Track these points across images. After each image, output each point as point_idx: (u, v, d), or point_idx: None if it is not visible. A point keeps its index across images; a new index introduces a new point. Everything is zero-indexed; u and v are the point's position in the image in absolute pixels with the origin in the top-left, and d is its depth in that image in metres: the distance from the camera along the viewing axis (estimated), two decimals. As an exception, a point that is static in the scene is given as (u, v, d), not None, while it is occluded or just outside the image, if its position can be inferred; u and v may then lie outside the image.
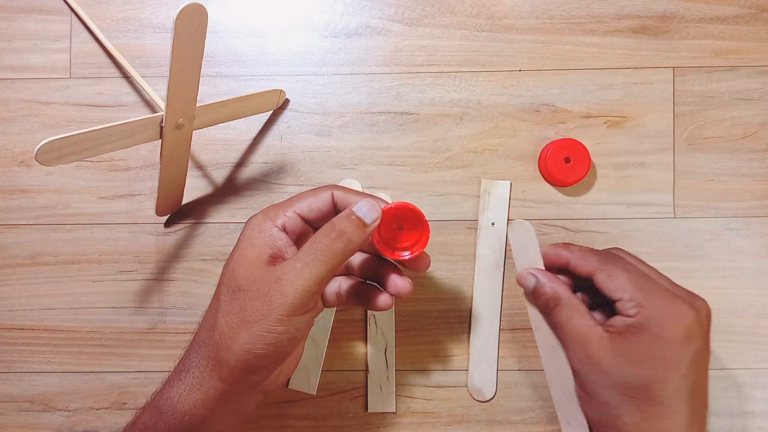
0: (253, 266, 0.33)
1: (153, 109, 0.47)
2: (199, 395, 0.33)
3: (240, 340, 0.32)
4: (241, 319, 0.32)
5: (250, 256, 0.34)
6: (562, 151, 0.45)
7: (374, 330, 0.46)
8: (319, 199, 0.35)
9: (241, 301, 0.33)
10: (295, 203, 0.35)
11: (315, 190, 0.36)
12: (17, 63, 0.48)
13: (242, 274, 0.33)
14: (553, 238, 0.47)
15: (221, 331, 0.33)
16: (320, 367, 0.46)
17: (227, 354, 0.33)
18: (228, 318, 0.33)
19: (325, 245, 0.32)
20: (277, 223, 0.34)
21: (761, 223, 0.46)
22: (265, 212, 0.35)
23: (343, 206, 0.35)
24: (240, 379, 0.33)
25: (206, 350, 0.34)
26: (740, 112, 0.47)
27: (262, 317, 0.32)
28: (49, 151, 0.34)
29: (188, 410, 0.33)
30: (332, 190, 0.35)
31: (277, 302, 0.32)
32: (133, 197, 0.47)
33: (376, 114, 0.47)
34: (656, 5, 0.47)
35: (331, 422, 0.46)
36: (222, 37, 0.48)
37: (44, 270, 0.47)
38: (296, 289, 0.32)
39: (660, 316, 0.35)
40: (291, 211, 0.35)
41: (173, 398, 0.34)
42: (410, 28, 0.47)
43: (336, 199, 0.35)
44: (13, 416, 0.47)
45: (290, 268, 0.32)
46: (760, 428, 0.46)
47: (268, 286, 0.32)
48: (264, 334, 0.32)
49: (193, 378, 0.34)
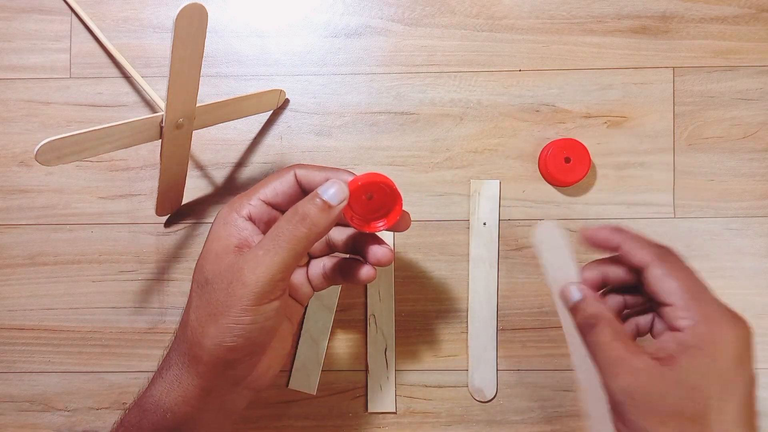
0: (219, 259, 0.32)
1: (153, 109, 0.47)
2: (179, 392, 0.33)
3: (209, 335, 0.31)
4: (208, 312, 0.32)
5: (216, 249, 0.33)
6: (562, 151, 0.45)
7: (374, 330, 0.46)
8: (282, 182, 0.34)
9: (207, 295, 0.32)
10: (259, 189, 0.34)
11: (278, 173, 0.35)
12: (17, 63, 0.48)
13: (209, 268, 0.33)
14: (553, 238, 0.47)
15: (192, 327, 0.32)
16: (320, 367, 0.46)
17: (199, 349, 0.32)
18: (197, 313, 0.32)
19: (287, 230, 0.31)
20: (242, 213, 0.34)
21: (761, 223, 0.46)
22: (231, 203, 0.34)
23: (308, 186, 0.34)
24: (217, 375, 0.33)
25: (181, 347, 0.33)
26: (740, 112, 0.47)
27: (226, 309, 0.31)
28: (49, 151, 0.34)
29: (170, 408, 0.33)
30: (294, 170, 0.34)
31: (239, 292, 0.31)
32: (133, 197, 0.47)
33: (376, 114, 0.47)
34: (656, 5, 0.47)
35: (331, 422, 0.46)
36: (222, 37, 0.48)
37: (44, 270, 0.47)
38: (258, 277, 0.31)
39: (715, 335, 0.31)
40: (255, 199, 0.34)
41: (155, 396, 0.33)
42: (410, 28, 0.47)
43: (299, 178, 0.34)
44: (13, 416, 0.47)
45: (252, 257, 0.31)
46: (760, 428, 0.46)
47: (231, 276, 0.31)
48: (231, 326, 0.31)
49: (173, 375, 0.33)
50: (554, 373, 0.46)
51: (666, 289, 0.32)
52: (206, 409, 0.34)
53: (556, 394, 0.46)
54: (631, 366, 0.31)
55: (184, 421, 0.33)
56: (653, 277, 0.32)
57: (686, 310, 0.31)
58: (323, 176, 0.34)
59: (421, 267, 0.47)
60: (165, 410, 0.33)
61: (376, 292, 0.46)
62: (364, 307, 0.47)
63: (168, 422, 0.33)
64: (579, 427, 0.46)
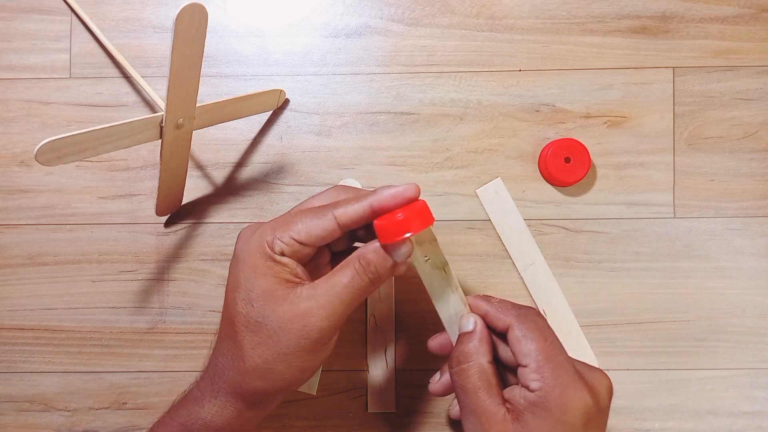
0: (274, 297, 0.33)
1: (153, 109, 0.47)
2: (233, 414, 0.35)
3: (276, 371, 0.33)
4: (276, 351, 0.33)
5: (264, 286, 0.33)
6: (562, 151, 0.45)
7: (374, 330, 0.46)
8: (320, 225, 0.33)
9: (271, 333, 0.33)
10: (292, 226, 0.33)
11: (313, 214, 0.33)
12: (17, 63, 0.48)
13: (263, 305, 0.33)
14: (553, 238, 0.47)
15: (253, 362, 0.33)
16: (320, 367, 0.46)
17: (262, 383, 0.34)
18: (259, 350, 0.33)
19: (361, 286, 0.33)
20: (276, 250, 0.33)
21: (761, 223, 0.47)
22: (260, 235, 0.34)
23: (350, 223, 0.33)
24: (271, 399, 0.35)
25: (234, 378, 0.34)
26: (740, 112, 0.47)
27: (299, 349, 0.33)
28: (49, 151, 0.34)
29: (221, 428, 0.35)
30: (333, 213, 0.33)
31: (314, 336, 0.32)
32: (133, 197, 0.47)
33: (376, 114, 0.47)
34: (656, 5, 0.47)
35: (331, 422, 0.46)
36: (222, 37, 0.48)
37: (44, 270, 0.47)
38: (332, 323, 0.33)
39: (562, 398, 0.32)
40: (289, 238, 0.33)
41: (205, 418, 0.35)
42: (410, 28, 0.47)
43: (339, 219, 0.33)
44: (13, 416, 0.47)
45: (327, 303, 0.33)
46: (760, 428, 0.46)
47: (303, 319, 0.32)
48: (301, 364, 0.33)
49: (225, 401, 0.35)
50: (554, 373, 0.46)
51: (523, 350, 0.33)
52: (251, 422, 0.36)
53: (556, 394, 0.46)
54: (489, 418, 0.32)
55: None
56: (513, 339, 0.34)
57: (538, 372, 0.32)
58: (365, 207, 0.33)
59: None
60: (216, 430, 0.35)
61: (376, 291, 0.46)
62: (364, 307, 0.47)
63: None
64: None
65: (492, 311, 0.35)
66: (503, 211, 0.47)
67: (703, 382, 0.46)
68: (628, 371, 0.46)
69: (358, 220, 0.33)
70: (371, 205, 0.33)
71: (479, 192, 0.47)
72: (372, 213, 0.33)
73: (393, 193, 0.32)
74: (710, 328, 0.46)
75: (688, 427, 0.46)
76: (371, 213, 0.33)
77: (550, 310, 0.46)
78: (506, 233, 0.47)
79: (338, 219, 0.33)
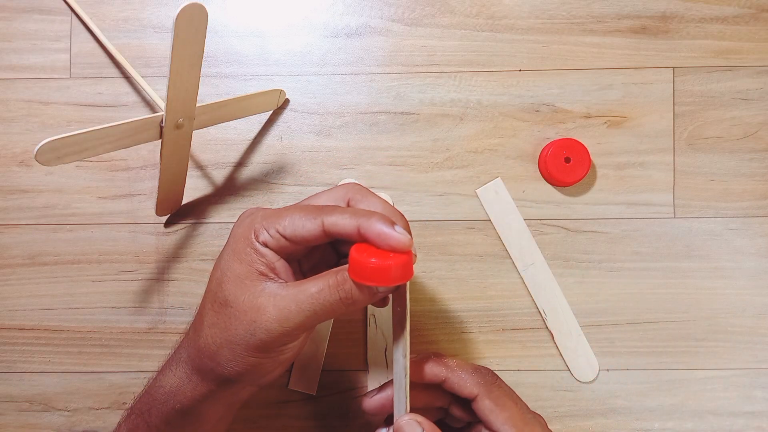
0: (242, 283, 0.32)
1: (153, 109, 0.47)
2: (188, 389, 0.35)
3: (222, 355, 0.33)
4: (225, 337, 0.32)
5: (237, 271, 0.33)
6: (562, 151, 0.45)
7: (374, 330, 0.46)
8: (306, 226, 0.32)
9: (226, 317, 0.32)
10: (280, 220, 0.32)
11: (304, 213, 0.32)
12: (17, 63, 0.48)
13: (230, 289, 0.33)
14: (553, 238, 0.47)
15: (205, 341, 0.33)
16: (320, 367, 0.46)
17: (211, 363, 0.33)
18: (213, 330, 0.33)
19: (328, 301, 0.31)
20: (260, 239, 0.33)
21: (761, 223, 0.47)
22: (251, 223, 0.33)
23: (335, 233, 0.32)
24: (222, 383, 0.34)
25: (191, 350, 0.35)
26: (740, 112, 0.47)
27: (244, 342, 0.32)
28: (49, 151, 0.34)
29: (179, 399, 0.35)
30: (323, 219, 0.32)
31: (259, 335, 0.31)
32: (133, 197, 0.47)
33: (376, 114, 0.47)
34: (656, 5, 0.47)
35: (331, 422, 0.46)
36: (222, 37, 0.48)
37: (44, 270, 0.47)
38: (283, 328, 0.31)
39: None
40: (274, 231, 0.32)
41: (165, 387, 0.35)
42: (410, 28, 0.47)
43: (327, 227, 0.32)
44: (13, 416, 0.47)
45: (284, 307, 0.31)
46: (760, 428, 0.46)
47: (256, 315, 0.31)
48: (244, 357, 0.32)
49: (182, 372, 0.35)
50: (554, 373, 0.46)
51: (498, 420, 0.34)
52: (212, 404, 0.35)
53: (556, 394, 0.46)
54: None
55: (191, 412, 0.35)
56: (484, 409, 0.34)
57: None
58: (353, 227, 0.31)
59: (421, 267, 0.47)
60: (174, 401, 0.35)
61: (376, 292, 0.46)
62: (364, 307, 0.47)
63: (177, 411, 0.35)
64: (579, 426, 0.46)
65: (453, 378, 0.35)
66: (503, 211, 0.47)
67: (703, 382, 0.46)
68: (628, 371, 0.46)
69: (345, 235, 0.31)
70: (359, 227, 0.31)
71: (479, 192, 0.47)
72: (358, 236, 0.31)
73: (381, 232, 0.30)
74: (710, 328, 0.46)
75: (688, 427, 0.46)
76: (357, 235, 0.31)
77: (550, 310, 0.46)
78: (506, 233, 0.47)
79: (325, 226, 0.32)
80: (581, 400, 0.46)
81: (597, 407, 0.46)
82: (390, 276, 0.29)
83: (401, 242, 0.30)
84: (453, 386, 0.35)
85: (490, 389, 0.35)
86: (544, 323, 0.46)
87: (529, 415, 0.35)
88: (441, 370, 0.35)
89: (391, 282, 0.29)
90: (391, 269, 0.29)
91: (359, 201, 0.34)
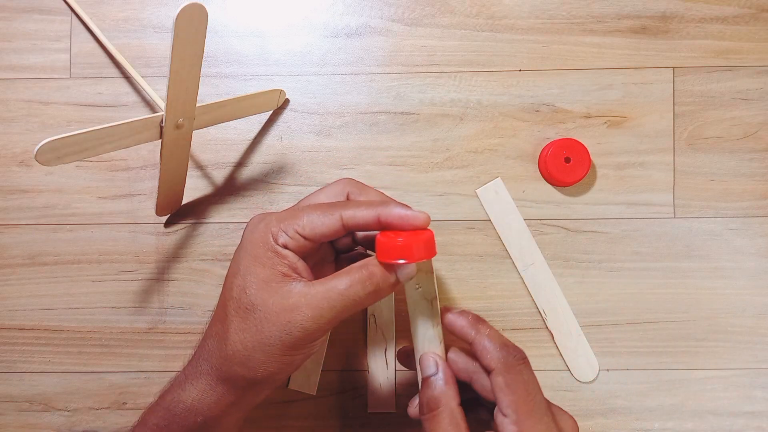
0: (267, 286, 0.33)
1: (153, 109, 0.47)
2: (212, 400, 0.35)
3: (255, 359, 0.33)
4: (258, 339, 0.33)
5: (261, 275, 0.33)
6: (562, 151, 0.45)
7: (374, 330, 0.46)
8: (325, 222, 0.33)
9: (257, 322, 0.33)
10: (298, 220, 0.33)
11: (321, 210, 0.34)
12: (17, 63, 0.48)
13: (256, 293, 0.33)
14: (553, 238, 0.47)
15: (234, 347, 0.33)
16: (320, 367, 0.46)
17: (241, 369, 0.33)
18: (242, 336, 0.33)
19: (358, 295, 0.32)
20: (279, 242, 0.33)
21: (761, 223, 0.47)
22: (266, 225, 0.34)
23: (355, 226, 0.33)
24: (251, 389, 0.35)
25: (217, 361, 0.34)
26: (740, 112, 0.47)
27: (279, 342, 0.32)
28: (49, 151, 0.34)
29: (201, 412, 0.35)
30: (340, 213, 0.33)
31: (296, 333, 0.32)
32: (133, 197, 0.47)
33: (376, 114, 0.47)
34: (656, 5, 0.47)
35: (331, 422, 0.46)
36: (222, 37, 0.48)
37: (44, 270, 0.47)
38: (318, 325, 0.32)
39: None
40: (293, 231, 0.33)
41: (186, 401, 0.35)
42: (410, 28, 0.47)
43: (346, 221, 0.33)
44: (13, 416, 0.47)
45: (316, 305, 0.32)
46: (760, 428, 0.46)
47: (290, 314, 0.32)
48: (278, 357, 0.33)
49: (205, 385, 0.35)
50: (554, 373, 0.46)
51: (504, 400, 0.33)
52: (233, 412, 0.36)
53: (556, 394, 0.46)
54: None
55: (213, 424, 0.35)
56: (496, 385, 0.33)
57: (517, 425, 0.32)
58: (373, 216, 0.33)
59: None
60: (196, 414, 0.35)
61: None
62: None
63: (199, 425, 0.35)
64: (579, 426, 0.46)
65: (478, 343, 0.34)
66: (503, 211, 0.47)
67: (703, 382, 0.46)
68: (628, 371, 0.46)
69: (364, 226, 0.33)
70: (379, 216, 0.33)
71: (479, 192, 0.47)
72: (378, 224, 0.33)
73: (402, 214, 0.32)
74: (710, 328, 0.46)
75: (688, 427, 0.46)
76: (377, 224, 0.33)
77: (550, 310, 0.46)
78: (506, 233, 0.47)
79: (344, 220, 0.33)
80: (581, 400, 0.46)
81: (597, 407, 0.46)
82: (419, 250, 0.32)
83: (422, 219, 0.32)
84: (476, 352, 0.34)
85: (509, 368, 0.33)
86: (544, 323, 0.46)
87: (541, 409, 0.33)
88: (472, 331, 0.35)
89: (422, 255, 0.32)
90: (419, 244, 0.32)
91: (358, 194, 0.36)
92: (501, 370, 0.33)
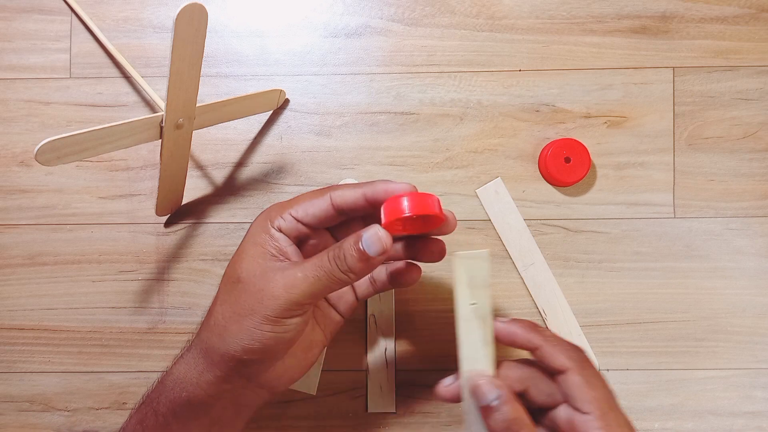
0: (255, 261, 0.35)
1: (153, 109, 0.47)
2: (195, 375, 0.35)
3: (230, 331, 0.34)
4: (234, 311, 0.34)
5: (252, 252, 0.35)
6: (562, 151, 0.45)
7: (374, 330, 0.46)
8: (315, 205, 0.35)
9: (237, 293, 0.34)
10: (293, 206, 0.36)
11: (314, 194, 0.36)
12: (17, 63, 0.48)
13: (243, 266, 0.35)
14: (553, 238, 0.47)
15: (216, 319, 0.35)
16: (320, 367, 0.46)
17: (218, 342, 0.34)
18: (224, 307, 0.35)
19: (329, 269, 0.33)
20: (275, 225, 0.35)
21: (761, 223, 0.47)
22: (268, 211, 0.36)
23: (344, 206, 0.35)
24: (230, 368, 0.35)
25: (203, 334, 0.36)
26: (740, 112, 0.47)
27: (252, 313, 0.33)
28: (49, 151, 0.34)
29: (186, 387, 0.35)
30: (330, 194, 0.35)
31: (267, 302, 0.33)
32: (133, 197, 0.47)
33: (376, 114, 0.47)
34: (656, 5, 0.47)
35: (331, 422, 0.46)
36: (222, 37, 0.48)
37: (44, 270, 0.47)
38: (290, 295, 0.33)
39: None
40: (287, 214, 0.35)
41: (175, 374, 0.36)
42: (410, 28, 0.47)
43: (335, 201, 0.35)
44: (13, 416, 0.47)
45: (290, 275, 0.33)
46: (760, 428, 0.46)
47: (264, 284, 0.33)
48: (252, 330, 0.33)
49: (191, 358, 0.36)
50: (554, 373, 0.46)
51: (585, 397, 0.33)
52: (219, 397, 0.36)
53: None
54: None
55: (198, 402, 0.35)
56: (573, 384, 0.33)
57: (602, 420, 0.32)
58: (359, 195, 0.35)
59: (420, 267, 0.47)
60: (181, 389, 0.35)
61: (376, 292, 0.46)
62: (364, 307, 0.47)
63: (182, 399, 0.35)
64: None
65: (546, 348, 0.34)
66: (503, 211, 0.47)
67: (703, 382, 0.46)
68: (628, 371, 0.46)
69: (353, 203, 0.35)
70: (364, 194, 0.34)
71: (479, 192, 0.47)
72: (365, 202, 0.34)
73: (386, 188, 0.34)
74: (710, 328, 0.46)
75: (688, 427, 0.46)
76: (364, 200, 0.34)
77: (550, 310, 0.46)
78: (506, 233, 0.47)
79: (333, 200, 0.35)
80: (581, 400, 0.46)
81: (597, 407, 0.46)
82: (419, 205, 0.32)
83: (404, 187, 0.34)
84: (545, 356, 0.34)
85: (583, 366, 0.34)
86: (544, 323, 0.46)
87: (617, 402, 0.34)
88: (535, 337, 0.34)
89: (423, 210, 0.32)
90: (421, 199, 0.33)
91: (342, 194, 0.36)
92: (577, 369, 0.33)
